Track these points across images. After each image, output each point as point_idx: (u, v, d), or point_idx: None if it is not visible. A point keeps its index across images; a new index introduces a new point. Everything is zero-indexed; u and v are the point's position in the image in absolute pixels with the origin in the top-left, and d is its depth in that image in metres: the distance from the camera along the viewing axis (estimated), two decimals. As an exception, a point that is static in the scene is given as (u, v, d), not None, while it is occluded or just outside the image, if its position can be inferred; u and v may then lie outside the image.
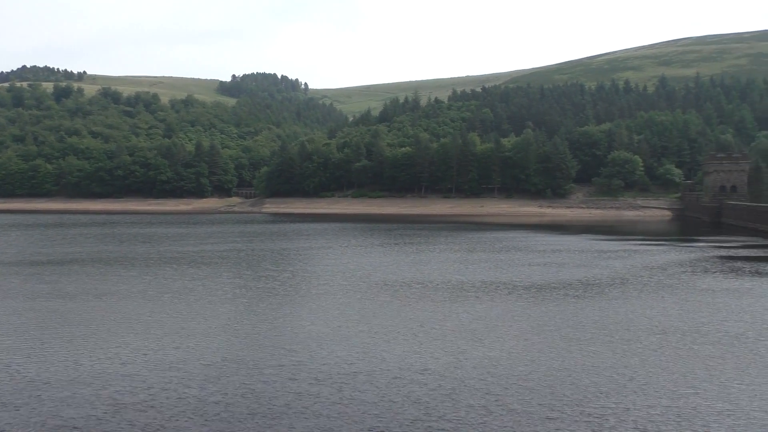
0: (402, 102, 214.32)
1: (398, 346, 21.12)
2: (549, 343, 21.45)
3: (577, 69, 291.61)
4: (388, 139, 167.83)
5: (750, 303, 28.55)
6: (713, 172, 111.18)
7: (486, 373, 18.17)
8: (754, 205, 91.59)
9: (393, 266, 42.13)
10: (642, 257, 47.31)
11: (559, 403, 15.69)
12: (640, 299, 29.66)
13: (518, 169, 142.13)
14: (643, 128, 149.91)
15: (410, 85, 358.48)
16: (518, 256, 48.24)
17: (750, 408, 15.33)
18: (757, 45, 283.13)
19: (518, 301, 29.42)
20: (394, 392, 16.62)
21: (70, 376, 18.10)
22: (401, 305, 28.38)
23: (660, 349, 20.78)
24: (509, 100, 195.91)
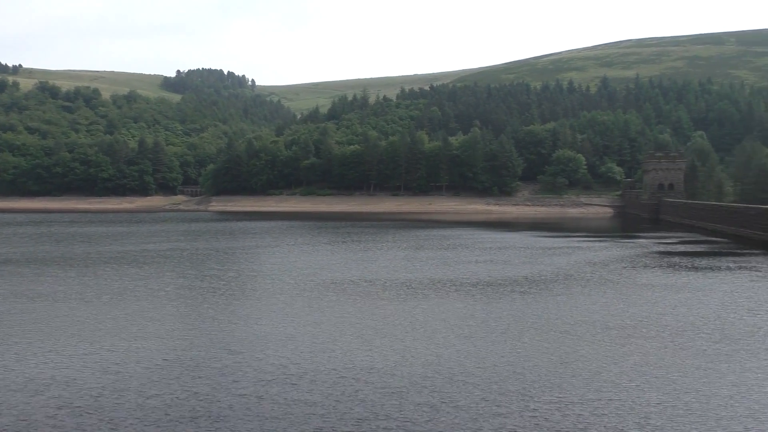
0: (351, 100, 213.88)
1: (345, 345, 20.90)
2: (495, 339, 21.60)
3: (523, 69, 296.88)
4: (336, 137, 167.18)
5: (687, 297, 29.45)
6: (652, 171, 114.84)
7: (433, 370, 18.13)
8: (690, 203, 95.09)
9: (340, 264, 41.86)
10: (585, 253, 48.37)
11: (506, 399, 15.77)
12: (583, 295, 30.24)
13: (466, 168, 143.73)
14: (586, 127, 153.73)
15: (359, 83, 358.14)
16: (465, 253, 48.65)
17: (688, 399, 15.72)
18: (692, 48, 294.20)
19: (465, 298, 29.59)
20: (340, 392, 16.40)
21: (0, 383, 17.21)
22: (348, 304, 28.17)
23: (603, 343, 21.17)
24: (457, 98, 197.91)
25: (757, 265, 41.13)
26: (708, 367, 18.34)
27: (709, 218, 78.87)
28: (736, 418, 14.51)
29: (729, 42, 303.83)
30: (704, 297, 29.30)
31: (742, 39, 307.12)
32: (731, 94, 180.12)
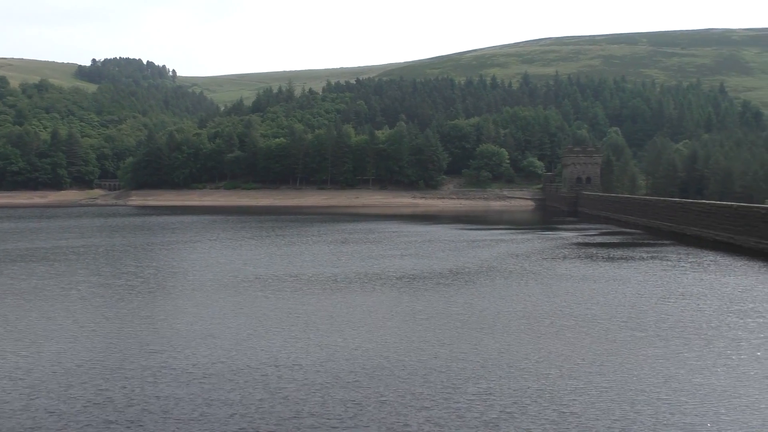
0: (276, 92, 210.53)
1: (268, 342, 20.43)
2: (420, 333, 21.65)
3: (448, 64, 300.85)
4: (261, 130, 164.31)
5: (603, 287, 30.52)
6: (571, 165, 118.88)
7: (358, 365, 17.96)
8: (606, 195, 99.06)
9: (264, 260, 41.09)
10: (508, 246, 49.46)
11: (431, 392, 15.77)
12: (506, 287, 30.83)
13: (392, 161, 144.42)
14: (508, 123, 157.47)
15: (284, 75, 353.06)
16: (391, 246, 48.77)
17: (604, 385, 16.19)
18: (608, 47, 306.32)
19: (390, 291, 29.60)
20: (262, 390, 15.97)
21: None
22: (272, 299, 27.62)
23: (524, 333, 21.59)
24: (383, 92, 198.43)
25: (668, 255, 43.19)
26: (623, 354, 18.98)
27: (624, 210, 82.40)
28: (648, 402, 15.04)
29: (641, 42, 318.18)
30: (620, 286, 30.44)
31: (654, 40, 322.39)
32: (643, 92, 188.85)
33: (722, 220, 54.06)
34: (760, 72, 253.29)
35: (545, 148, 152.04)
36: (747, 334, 21.26)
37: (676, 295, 28.19)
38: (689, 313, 24.60)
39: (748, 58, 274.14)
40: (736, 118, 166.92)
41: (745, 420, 14.00)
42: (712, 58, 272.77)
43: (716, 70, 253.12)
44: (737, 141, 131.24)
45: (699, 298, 27.46)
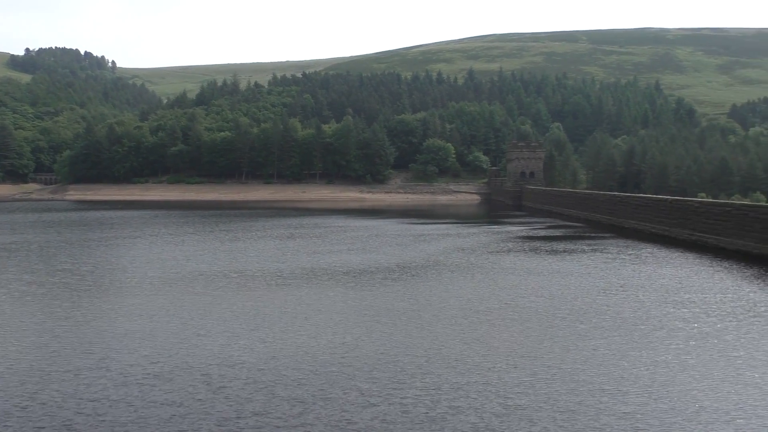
0: (220, 85, 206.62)
1: (211, 340, 19.87)
2: (367, 328, 21.47)
3: (394, 59, 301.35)
4: (206, 123, 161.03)
5: (547, 280, 31.02)
6: (515, 160, 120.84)
7: (303, 362, 17.64)
8: (549, 189, 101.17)
9: (208, 255, 40.16)
10: (454, 240, 49.81)
11: (378, 388, 15.61)
12: (452, 281, 30.97)
13: (339, 155, 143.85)
14: (454, 118, 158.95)
15: (229, 68, 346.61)
16: (338, 241, 48.45)
17: (548, 377, 16.36)
18: (550, 45, 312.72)
19: (337, 286, 29.32)
20: (204, 390, 15.48)
21: None
22: (216, 296, 26.96)
23: (470, 327, 21.67)
24: (329, 86, 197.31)
25: (608, 248, 44.30)
26: (566, 346, 19.26)
27: (566, 204, 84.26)
28: (591, 392, 15.26)
29: (582, 40, 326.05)
30: (562, 279, 30.99)
31: (593, 38, 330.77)
32: (584, 88, 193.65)
33: (658, 213, 55.86)
34: (693, 71, 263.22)
35: (490, 143, 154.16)
36: (684, 324, 21.91)
37: (617, 287, 28.87)
38: (629, 304, 25.22)
39: (681, 56, 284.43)
40: (671, 115, 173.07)
41: (682, 408, 14.35)
42: (648, 57, 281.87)
43: (652, 67, 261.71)
44: (672, 137, 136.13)
45: (638, 290, 28.20)
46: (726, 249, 43.19)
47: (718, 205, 47.35)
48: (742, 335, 20.57)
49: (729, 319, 22.76)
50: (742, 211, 43.33)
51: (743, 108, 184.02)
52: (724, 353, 18.53)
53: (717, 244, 44.91)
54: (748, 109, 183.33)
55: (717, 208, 46.92)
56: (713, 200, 53.60)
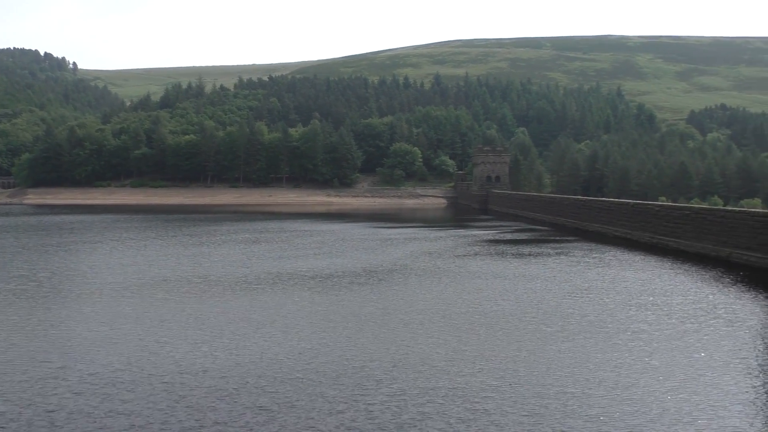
0: (185, 88, 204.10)
1: (173, 348, 19.42)
2: (333, 334, 21.25)
3: (362, 63, 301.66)
4: (170, 126, 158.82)
5: (513, 284, 31.20)
6: (481, 164, 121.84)
7: (268, 369, 17.34)
8: (515, 194, 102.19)
9: (171, 260, 39.42)
10: (421, 244, 49.85)
11: (344, 395, 15.41)
12: (419, 285, 30.93)
13: (306, 159, 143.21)
14: (421, 122, 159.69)
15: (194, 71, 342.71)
16: (304, 245, 48.08)
17: (514, 381, 16.37)
18: (515, 51, 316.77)
19: (303, 291, 29.02)
20: (165, 398, 15.09)
21: None
22: (178, 302, 26.43)
23: (437, 332, 21.62)
24: (296, 90, 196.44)
25: (572, 251, 44.83)
26: (532, 350, 19.33)
27: (531, 208, 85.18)
28: (557, 396, 15.29)
29: (546, 46, 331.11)
30: (528, 283, 31.20)
31: (557, 44, 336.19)
32: (548, 94, 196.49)
33: (620, 217, 56.82)
34: (653, 77, 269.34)
35: (456, 147, 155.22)
36: (647, 327, 22.20)
37: (581, 291, 29.17)
38: (594, 307, 25.48)
39: (642, 63, 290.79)
40: (632, 120, 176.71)
41: (646, 410, 14.49)
42: (610, 63, 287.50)
43: (614, 74, 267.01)
44: (633, 142, 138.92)
45: (602, 293, 28.53)
46: (686, 252, 44.09)
47: (678, 209, 48.36)
48: (703, 337, 20.92)
49: (690, 321, 23.15)
50: (700, 215, 44.31)
51: (701, 114, 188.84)
52: (686, 355, 18.81)
53: (677, 246, 45.83)
54: (705, 115, 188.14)
55: (676, 211, 47.91)
56: (673, 204, 54.75)
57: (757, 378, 16.99)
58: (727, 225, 40.55)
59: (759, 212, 39.71)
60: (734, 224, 39.80)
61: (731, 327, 22.38)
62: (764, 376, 17.29)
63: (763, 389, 16.08)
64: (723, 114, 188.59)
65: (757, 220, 37.73)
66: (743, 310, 25.42)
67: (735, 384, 16.34)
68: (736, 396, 15.49)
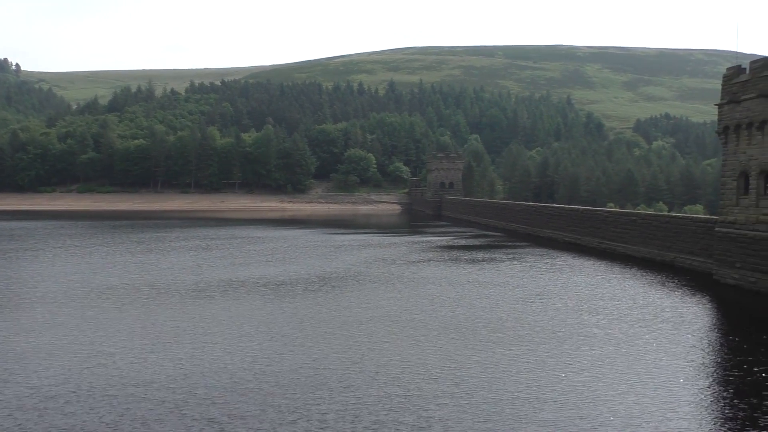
0: (135, 91, 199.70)
1: (119, 359, 18.72)
2: (285, 342, 20.85)
3: (316, 69, 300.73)
4: (119, 130, 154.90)
5: (466, 290, 31.32)
6: (435, 170, 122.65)
7: (218, 380, 16.85)
8: (468, 200, 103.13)
9: (117, 268, 38.22)
10: (375, 250, 49.71)
11: (296, 405, 15.06)
12: (373, 291, 30.75)
13: (259, 165, 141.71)
14: (375, 128, 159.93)
15: (143, 74, 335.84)
16: (257, 252, 47.36)
17: (468, 388, 16.32)
18: (468, 59, 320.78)
19: (255, 299, 28.49)
20: (109, 412, 14.47)
21: None
22: (125, 311, 25.57)
23: (391, 339, 21.46)
24: (249, 95, 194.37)
25: (525, 257, 45.38)
26: (486, 356, 19.34)
27: (484, 214, 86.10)
28: (510, 401, 15.29)
29: (498, 55, 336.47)
30: (482, 289, 31.38)
31: (509, 53, 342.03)
32: (500, 101, 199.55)
33: (570, 223, 57.90)
34: (601, 86, 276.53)
35: (411, 154, 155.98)
36: (598, 331, 22.53)
37: (534, 296, 29.48)
38: (547, 313, 25.75)
39: (590, 73, 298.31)
40: (582, 128, 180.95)
41: (597, 414, 14.61)
42: (560, 72, 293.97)
43: (564, 83, 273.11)
44: (582, 149, 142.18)
45: (555, 298, 28.89)
46: (633, 256, 45.17)
47: (625, 215, 49.56)
48: (651, 341, 21.34)
49: (639, 325, 23.60)
50: (646, 221, 45.50)
51: (646, 123, 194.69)
52: (636, 358, 19.11)
53: (624, 251, 46.91)
54: (650, 123, 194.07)
55: (624, 217, 49.08)
56: (620, 210, 56.05)
57: (705, 380, 17.38)
58: (671, 230, 41.73)
59: (701, 218, 41.03)
60: (678, 230, 40.98)
61: (678, 330, 22.91)
62: (711, 377, 17.71)
63: (710, 391, 16.45)
64: (667, 123, 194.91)
65: (699, 225, 38.94)
66: (688, 313, 26.10)
67: (683, 386, 16.67)
68: (685, 398, 15.79)
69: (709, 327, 24.52)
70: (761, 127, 32.09)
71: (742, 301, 29.98)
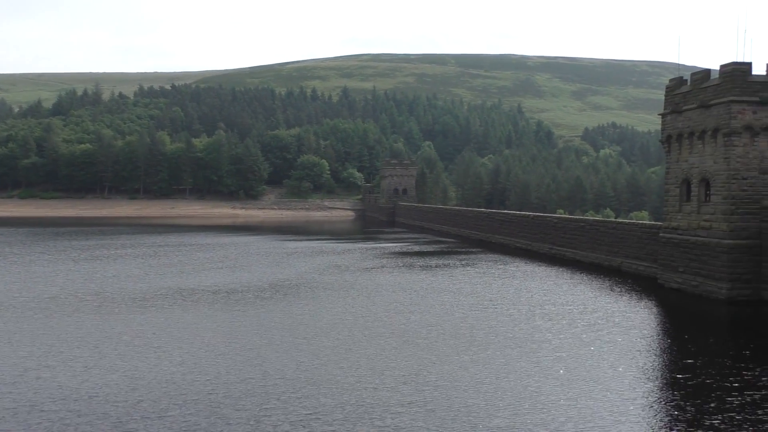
0: (81, 95, 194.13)
1: (59, 371, 17.90)
2: (235, 352, 20.35)
3: (269, 74, 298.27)
4: (64, 135, 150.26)
5: (420, 297, 31.30)
6: (388, 177, 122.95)
7: (165, 393, 16.27)
8: (421, 206, 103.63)
9: (60, 276, 36.84)
10: (329, 257, 49.35)
11: (245, 416, 14.65)
12: (327, 299, 30.43)
13: (210, 170, 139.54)
14: (329, 134, 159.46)
15: (90, 77, 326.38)
16: (207, 259, 46.41)
17: (423, 395, 16.19)
18: (421, 66, 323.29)
19: (204, 308, 27.81)
20: (46, 428, 13.77)
21: None
22: (68, 321, 24.58)
23: (344, 347, 21.21)
24: (201, 100, 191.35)
25: (478, 263, 45.73)
26: (440, 363, 19.26)
27: (438, 220, 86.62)
28: (464, 407, 15.22)
29: (450, 63, 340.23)
30: (437, 295, 31.40)
31: (461, 61, 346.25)
32: (453, 109, 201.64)
33: (521, 229, 58.72)
34: (551, 96, 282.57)
35: (364, 160, 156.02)
36: (551, 336, 22.76)
37: (488, 302, 29.65)
38: (501, 318, 25.90)
39: (540, 82, 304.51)
40: (532, 136, 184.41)
41: (550, 419, 14.67)
42: (511, 81, 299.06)
43: (515, 91, 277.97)
44: (533, 157, 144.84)
45: (508, 304, 29.11)
46: (581, 261, 46.06)
47: (574, 221, 50.54)
48: (603, 345, 21.65)
49: (591, 330, 23.95)
50: (594, 227, 46.49)
51: (594, 131, 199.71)
52: (588, 362, 19.34)
53: (574, 257, 47.80)
54: (598, 132, 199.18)
55: (573, 223, 50.05)
56: (569, 216, 57.17)
57: (653, 382, 17.70)
58: (618, 236, 42.71)
59: (646, 224, 42.15)
60: (624, 235, 41.98)
61: (627, 335, 23.34)
62: (659, 380, 18.05)
63: (658, 393, 16.75)
64: (614, 132, 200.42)
65: (644, 231, 39.97)
66: (636, 318, 26.66)
67: (633, 389, 16.93)
68: (635, 401, 16.02)
69: (656, 331, 25.09)
70: (702, 137, 33.14)
71: (685, 304, 30.83)
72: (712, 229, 32.12)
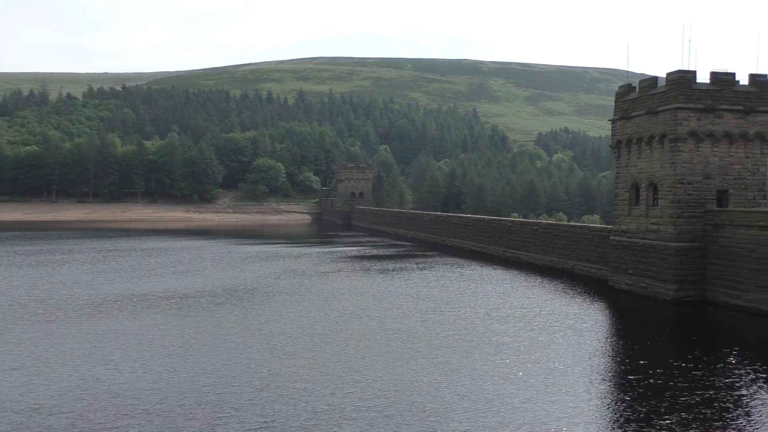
0: (27, 95, 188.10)
1: (0, 380, 17.18)
2: (188, 360, 19.87)
3: (223, 76, 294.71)
4: (8, 136, 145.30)
5: (377, 301, 31.23)
6: (345, 180, 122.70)
7: (113, 402, 15.75)
8: (378, 210, 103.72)
9: (2, 283, 35.45)
10: (284, 261, 48.86)
11: (197, 426, 14.30)
12: (283, 304, 30.08)
13: (163, 173, 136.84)
14: (284, 137, 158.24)
15: (36, 77, 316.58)
16: (159, 264, 45.38)
17: (384, 403, 16.10)
18: (378, 70, 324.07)
19: (156, 314, 27.14)
20: (-12, 445, 13.22)
21: None
22: (9, 330, 23.64)
23: (301, 353, 20.96)
24: (153, 101, 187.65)
25: (434, 266, 45.93)
26: (397, 367, 19.20)
27: (394, 224, 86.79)
28: (419, 411, 15.17)
29: (407, 67, 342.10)
30: (394, 299, 31.37)
31: (417, 66, 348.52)
32: (409, 113, 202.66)
33: (477, 232, 59.30)
34: (505, 100, 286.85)
35: (321, 164, 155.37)
36: (508, 339, 22.95)
37: (444, 305, 29.76)
38: (458, 322, 26.02)
39: (495, 87, 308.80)
40: (487, 141, 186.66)
41: (508, 421, 14.76)
42: (466, 86, 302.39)
43: (470, 96, 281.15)
44: (488, 161, 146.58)
45: (465, 308, 29.27)
46: (535, 264, 46.76)
47: (528, 225, 51.29)
48: (558, 348, 21.94)
49: (546, 332, 24.25)
50: (547, 230, 47.28)
51: (547, 136, 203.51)
52: (544, 365, 19.54)
53: (528, 260, 48.50)
54: (551, 137, 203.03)
55: (527, 227, 50.79)
56: (523, 220, 57.96)
57: (607, 383, 18.01)
58: (570, 239, 43.52)
59: (597, 227, 43.07)
60: (576, 239, 42.79)
61: (581, 337, 23.72)
62: (611, 381, 18.38)
63: (613, 394, 17.04)
64: (566, 137, 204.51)
65: (595, 234, 40.82)
66: (589, 319, 27.16)
67: (588, 390, 17.18)
68: (590, 402, 16.26)
69: (608, 332, 25.60)
70: (650, 142, 34.05)
71: (635, 305, 31.59)
72: (659, 232, 33.00)
